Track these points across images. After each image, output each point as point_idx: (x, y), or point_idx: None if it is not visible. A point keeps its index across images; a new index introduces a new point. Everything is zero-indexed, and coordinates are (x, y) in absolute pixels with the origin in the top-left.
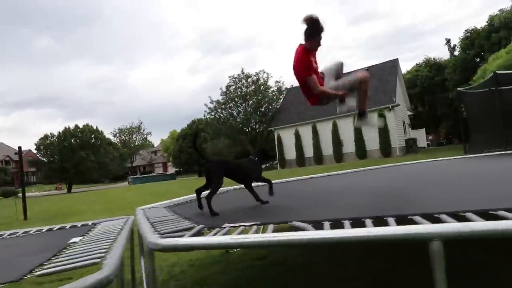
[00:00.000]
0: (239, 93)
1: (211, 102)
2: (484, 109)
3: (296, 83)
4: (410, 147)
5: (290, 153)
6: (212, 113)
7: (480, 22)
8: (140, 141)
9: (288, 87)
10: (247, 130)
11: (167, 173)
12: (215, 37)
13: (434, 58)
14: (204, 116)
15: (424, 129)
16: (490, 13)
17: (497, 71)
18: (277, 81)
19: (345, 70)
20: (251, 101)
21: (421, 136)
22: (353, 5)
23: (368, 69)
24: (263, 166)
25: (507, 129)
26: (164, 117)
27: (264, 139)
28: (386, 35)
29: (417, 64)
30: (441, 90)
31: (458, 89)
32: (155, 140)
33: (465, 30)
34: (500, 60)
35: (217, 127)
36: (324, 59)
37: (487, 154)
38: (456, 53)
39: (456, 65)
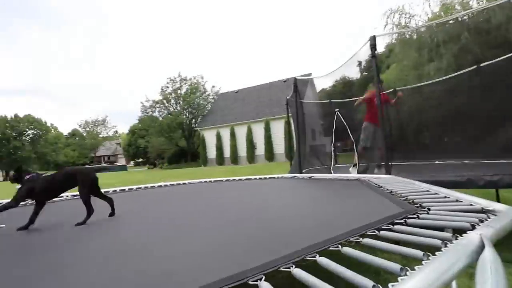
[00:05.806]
0: (176, 94)
1: (147, 100)
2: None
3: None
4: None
5: (212, 152)
6: (148, 111)
7: None
8: (106, 134)
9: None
10: (181, 129)
11: (118, 164)
12: None
13: (348, 77)
14: (143, 113)
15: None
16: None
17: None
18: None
19: None
20: (184, 102)
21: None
22: None
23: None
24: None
25: None
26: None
27: (191, 137)
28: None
29: (336, 81)
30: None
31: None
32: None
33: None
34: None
35: (148, 125)
36: None
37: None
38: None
39: (361, 83)
